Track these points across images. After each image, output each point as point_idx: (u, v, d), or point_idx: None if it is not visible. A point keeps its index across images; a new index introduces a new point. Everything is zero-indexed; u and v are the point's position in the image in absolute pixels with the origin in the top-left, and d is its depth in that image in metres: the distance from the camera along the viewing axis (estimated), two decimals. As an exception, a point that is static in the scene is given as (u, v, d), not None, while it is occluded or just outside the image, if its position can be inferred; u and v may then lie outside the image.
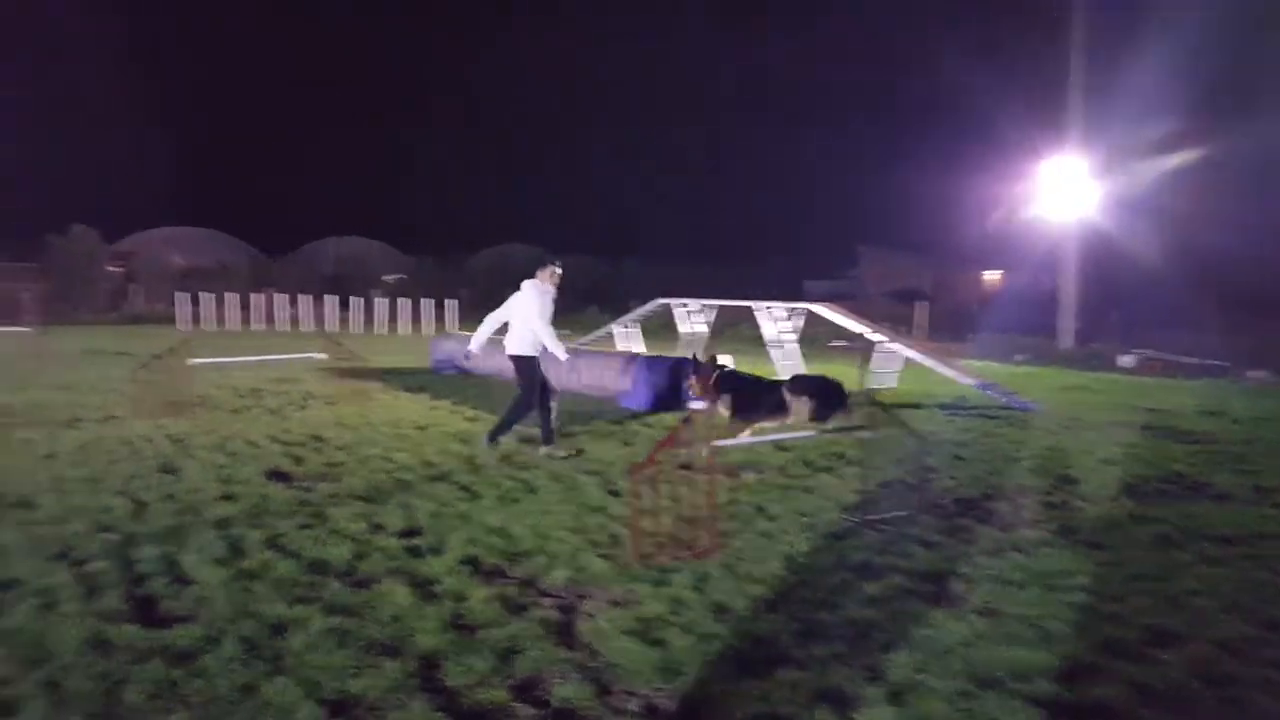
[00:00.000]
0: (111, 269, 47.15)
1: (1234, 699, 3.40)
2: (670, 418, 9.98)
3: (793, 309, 15.67)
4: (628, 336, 19.03)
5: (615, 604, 4.23)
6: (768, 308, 15.61)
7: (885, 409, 10.98)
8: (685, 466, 5.40)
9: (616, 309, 24.81)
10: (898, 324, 26.09)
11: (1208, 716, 3.29)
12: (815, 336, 20.87)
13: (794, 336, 15.44)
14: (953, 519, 5.90)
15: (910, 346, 13.75)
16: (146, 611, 4.06)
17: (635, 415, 10.28)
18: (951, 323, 29.29)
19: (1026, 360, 20.95)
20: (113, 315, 38.41)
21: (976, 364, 17.26)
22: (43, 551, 4.86)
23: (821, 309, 14.53)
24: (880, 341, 13.64)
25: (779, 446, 8.23)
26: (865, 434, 9.09)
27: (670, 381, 10.96)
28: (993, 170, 30.01)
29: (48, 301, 33.34)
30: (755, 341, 17.29)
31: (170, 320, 31.68)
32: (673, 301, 18.38)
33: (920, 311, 30.60)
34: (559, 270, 8.31)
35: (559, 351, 8.08)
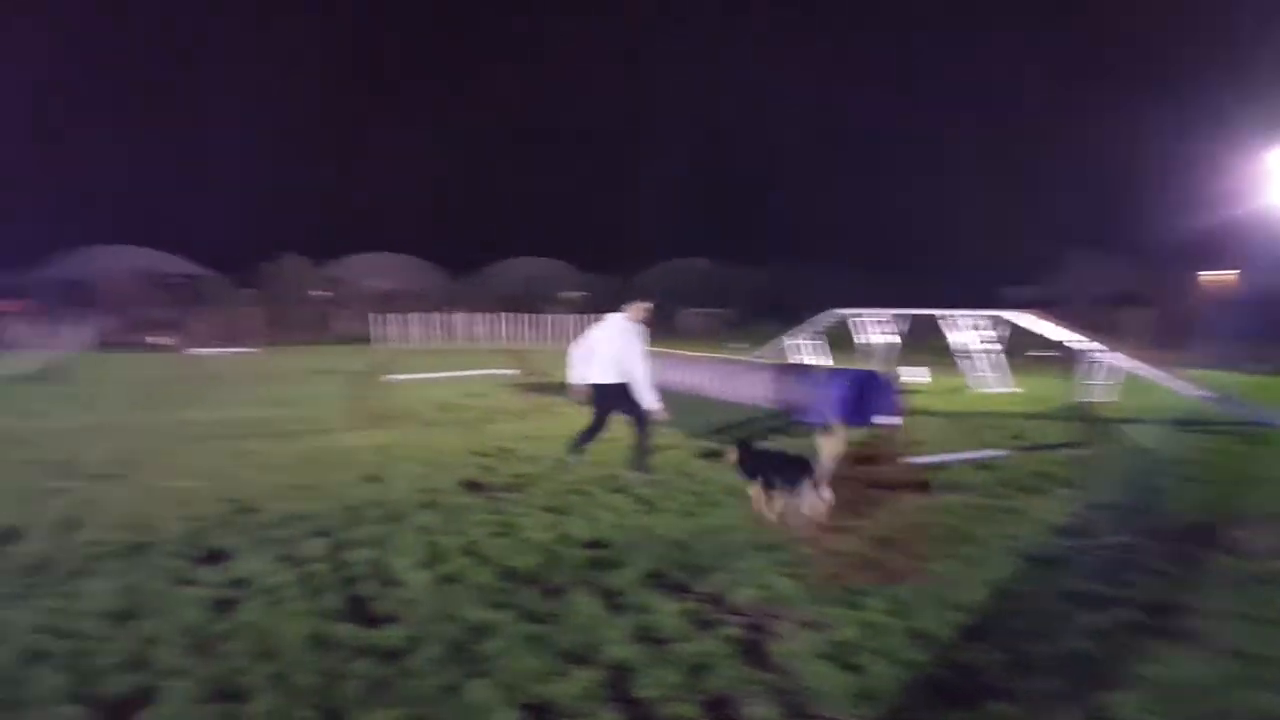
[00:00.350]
0: (322, 292, 51.47)
1: None
2: (856, 434, 9.64)
3: (985, 317, 14.83)
4: (803, 349, 18.63)
5: (806, 626, 4.12)
6: (956, 316, 14.86)
7: (1100, 425, 10.17)
8: (876, 485, 5.19)
9: (789, 320, 24.35)
10: (1112, 332, 24.17)
11: None
12: (1016, 347, 19.69)
13: (985, 347, 14.62)
14: (1183, 546, 5.36)
15: (1127, 357, 12.64)
16: (359, 611, 4.33)
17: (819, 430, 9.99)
18: (1173, 329, 26.79)
19: (1268, 369, 18.72)
20: (322, 336, 41.72)
21: (1207, 374, 15.61)
22: (269, 553, 5.30)
23: (1020, 317, 13.67)
24: (1090, 351, 12.63)
25: (980, 466, 7.79)
26: (1077, 452, 8.42)
27: (854, 395, 10.62)
28: (1213, 160, 27.31)
29: (265, 324, 36.64)
30: (943, 353, 16.52)
31: (370, 339, 34.06)
32: (848, 312, 17.81)
33: (1138, 318, 28.26)
34: (649, 307, 7.90)
35: (654, 404, 7.55)
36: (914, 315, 16.83)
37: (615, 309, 7.83)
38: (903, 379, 15.26)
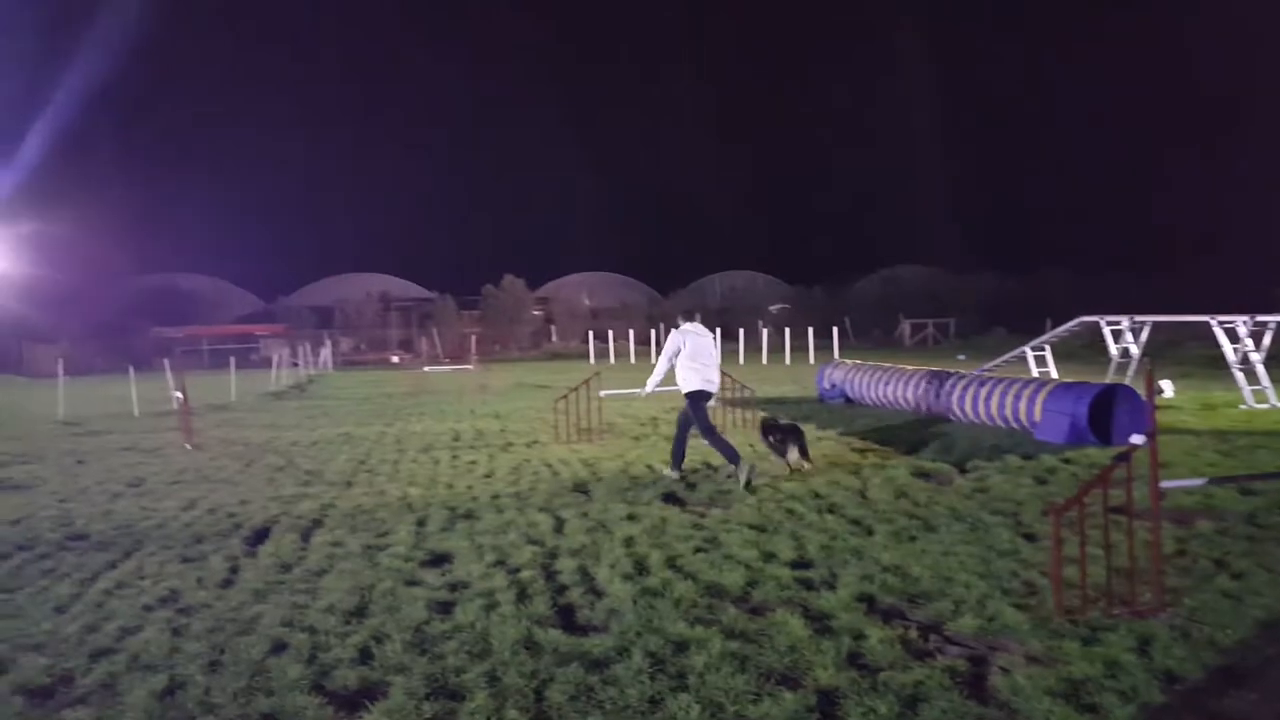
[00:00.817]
0: (534, 312, 54.25)
1: None
2: (1097, 453, 8.81)
3: (1262, 322, 13.02)
4: (1044, 360, 17.15)
5: (1034, 660, 3.75)
6: (1228, 322, 13.12)
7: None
8: (1119, 510, 4.65)
9: (1030, 330, 22.57)
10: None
11: None
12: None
13: (1256, 356, 12.84)
14: None
15: None
16: (567, 618, 4.42)
17: (1052, 450, 9.20)
18: None
19: None
20: (535, 353, 43.89)
21: None
22: (486, 558, 5.56)
23: None
24: None
25: (1244, 490, 6.83)
26: None
27: (1096, 412, 9.68)
28: None
29: (486, 342, 39.03)
30: (1208, 364, 14.72)
31: (582, 355, 35.37)
32: (1099, 319, 16.24)
33: None
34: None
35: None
36: (1175, 321, 15.04)
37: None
38: (1163, 393, 13.71)
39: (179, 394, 12.95)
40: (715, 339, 8.43)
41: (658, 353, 9.31)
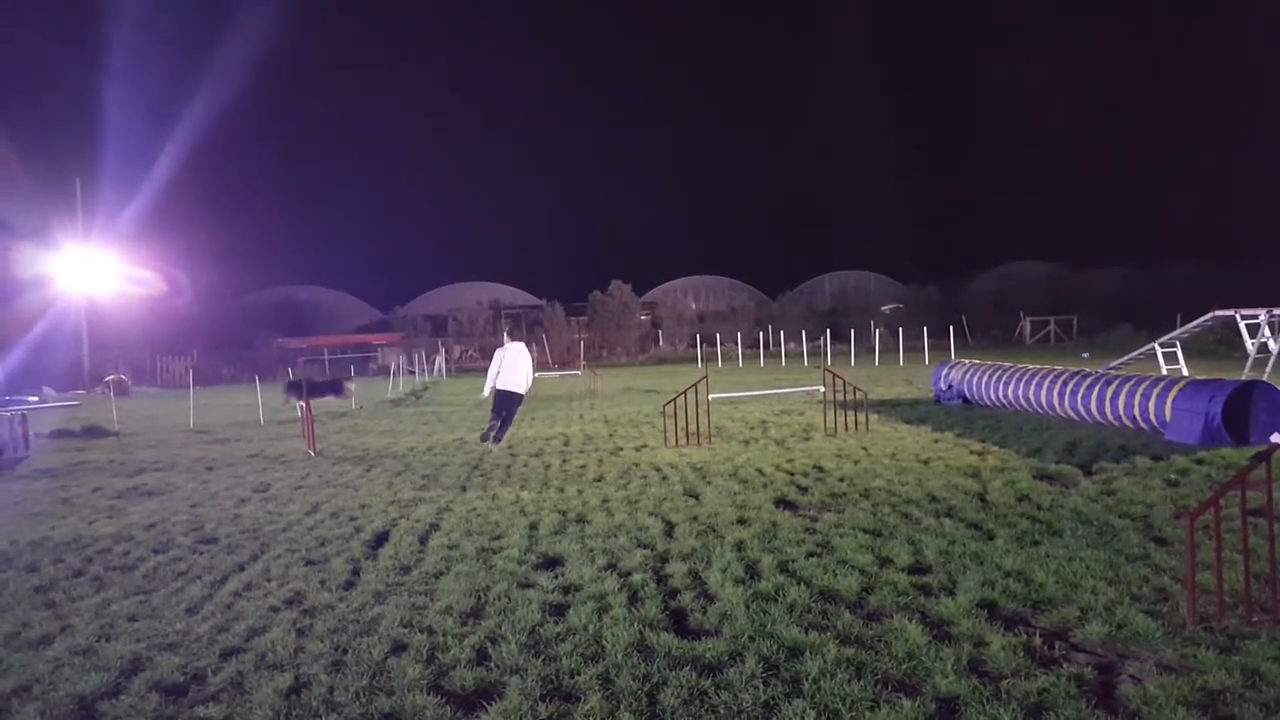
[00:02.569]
0: (641, 317, 54.68)
1: None
2: (1233, 454, 8.31)
3: None
4: (1173, 357, 16.27)
5: (1168, 669, 3.58)
6: None
7: None
8: (1259, 513, 4.37)
9: (1158, 326, 21.43)
10: None
11: None
12: None
13: None
14: None
15: None
16: (679, 622, 4.45)
17: (1184, 451, 8.75)
18: None
19: None
20: (642, 357, 44.15)
21: None
22: (597, 561, 5.64)
23: None
24: None
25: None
26: None
27: (1237, 410, 9.12)
28: None
29: (593, 347, 39.54)
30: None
31: (690, 359, 35.40)
32: (1234, 312, 15.32)
33: None
34: None
35: None
36: None
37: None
38: None
39: (302, 403, 13.57)
40: (530, 351, 11.60)
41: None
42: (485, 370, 11.83)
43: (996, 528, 6.03)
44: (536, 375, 12.88)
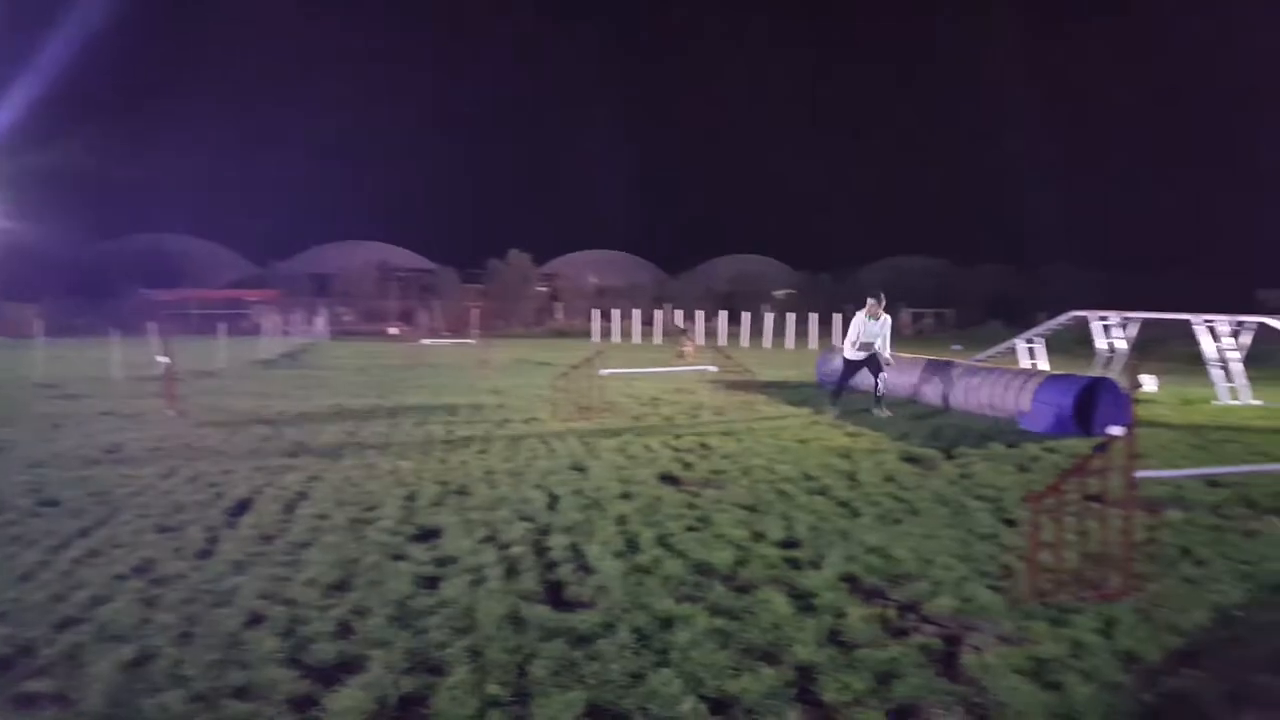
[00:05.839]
0: (539, 288, 54.23)
1: None
2: (1079, 444, 8.95)
3: (1241, 322, 13.39)
4: (1032, 353, 17.44)
5: (1005, 640, 3.86)
6: (1208, 321, 13.48)
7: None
8: (1095, 498, 4.78)
9: (1027, 324, 22.87)
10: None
11: None
12: (1269, 352, 17.50)
13: (1233, 354, 13.21)
14: None
15: None
16: (555, 595, 4.49)
17: (1036, 439, 9.40)
18: None
19: None
20: (538, 329, 43.93)
21: None
22: (475, 533, 5.59)
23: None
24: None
25: (1212, 482, 7.03)
26: None
27: (1081, 404, 9.87)
28: None
29: (486, 317, 38.96)
30: (1189, 360, 14.98)
31: (586, 334, 35.40)
32: (1089, 314, 16.55)
33: None
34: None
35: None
36: (1162, 319, 15.37)
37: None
38: (1144, 387, 13.96)
39: (164, 358, 12.65)
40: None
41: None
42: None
43: (863, 506, 6.32)
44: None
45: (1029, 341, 17.57)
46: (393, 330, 43.36)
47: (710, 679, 3.46)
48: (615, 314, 36.24)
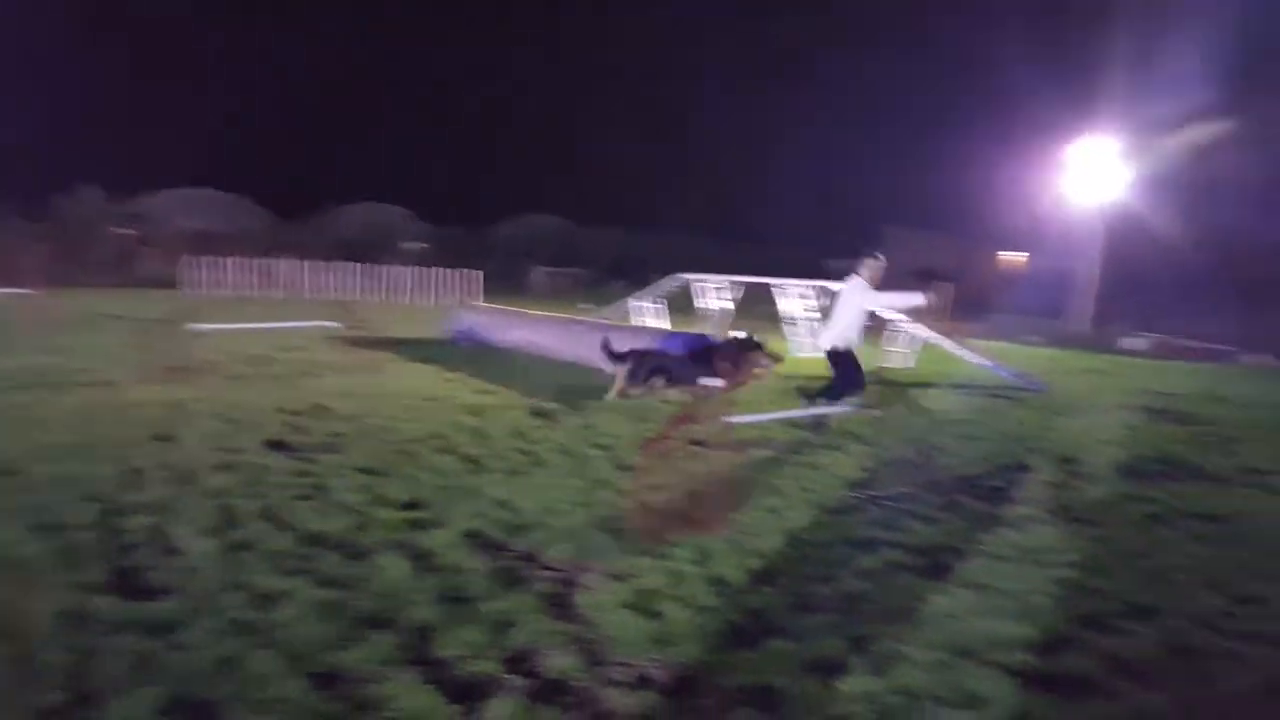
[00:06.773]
0: (120, 231, 46.82)
1: (1201, 669, 3.50)
2: (686, 396, 9.78)
3: (810, 286, 15.64)
4: (646, 311, 19.05)
5: (615, 578, 4.13)
6: (783, 285, 15.59)
7: (898, 388, 10.81)
8: (698, 443, 5.25)
9: (639, 283, 24.65)
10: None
11: (1174, 685, 3.34)
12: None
13: (807, 315, 15.47)
14: (953, 496, 5.91)
15: (925, 327, 13.59)
16: (127, 583, 3.91)
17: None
18: (971, 304, 28.96)
19: (1039, 342, 20.86)
20: (118, 279, 38.10)
21: (990, 345, 17.11)
22: (24, 521, 4.63)
23: (837, 286, 14.41)
24: (894, 321, 13.53)
25: (792, 424, 8.11)
26: (875, 413, 8.96)
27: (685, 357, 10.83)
28: (1024, 153, 29.66)
29: (51, 264, 32.96)
30: (774, 319, 17.15)
31: (178, 284, 31.40)
32: (690, 277, 18.35)
33: (940, 291, 30.21)
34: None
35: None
36: (748, 283, 17.47)
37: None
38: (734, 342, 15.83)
39: None
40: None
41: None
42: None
43: (490, 461, 6.36)
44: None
45: (645, 301, 19.13)
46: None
47: (316, 653, 3.26)
48: (214, 262, 32.40)
